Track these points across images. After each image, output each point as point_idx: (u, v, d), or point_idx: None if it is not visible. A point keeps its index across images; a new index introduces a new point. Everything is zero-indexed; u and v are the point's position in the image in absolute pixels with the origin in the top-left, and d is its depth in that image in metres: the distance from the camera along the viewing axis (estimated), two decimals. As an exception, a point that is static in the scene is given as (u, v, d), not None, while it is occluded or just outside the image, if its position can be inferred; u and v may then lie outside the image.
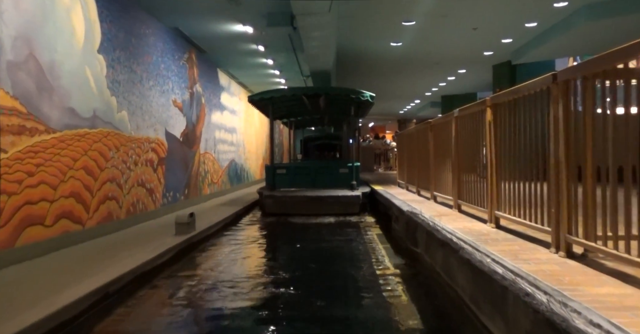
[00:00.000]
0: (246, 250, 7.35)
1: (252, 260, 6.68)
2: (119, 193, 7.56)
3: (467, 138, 5.88)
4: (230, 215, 9.88)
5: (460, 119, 6.15)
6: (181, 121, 10.74)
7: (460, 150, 6.23)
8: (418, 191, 9.18)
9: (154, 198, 9.06)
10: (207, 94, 12.99)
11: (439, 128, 7.41)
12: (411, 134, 10.11)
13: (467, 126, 5.87)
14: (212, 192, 13.33)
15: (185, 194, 10.95)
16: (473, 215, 5.84)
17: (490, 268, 3.16)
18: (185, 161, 11.02)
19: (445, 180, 7.01)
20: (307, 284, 5.30)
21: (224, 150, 14.90)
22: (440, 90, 20.89)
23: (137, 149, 8.33)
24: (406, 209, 6.67)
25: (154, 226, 8.02)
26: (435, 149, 7.65)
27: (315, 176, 11.91)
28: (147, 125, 8.78)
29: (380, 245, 7.42)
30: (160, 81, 9.50)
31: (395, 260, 6.30)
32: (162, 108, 9.55)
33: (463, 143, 6.09)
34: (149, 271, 5.43)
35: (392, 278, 5.42)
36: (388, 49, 12.49)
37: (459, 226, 5.05)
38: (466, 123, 5.90)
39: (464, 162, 6.04)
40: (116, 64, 7.55)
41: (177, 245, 6.52)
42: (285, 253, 7.19)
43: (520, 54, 12.32)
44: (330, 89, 12.43)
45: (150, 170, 8.92)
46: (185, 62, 11.08)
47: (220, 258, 6.66)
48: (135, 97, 8.26)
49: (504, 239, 4.24)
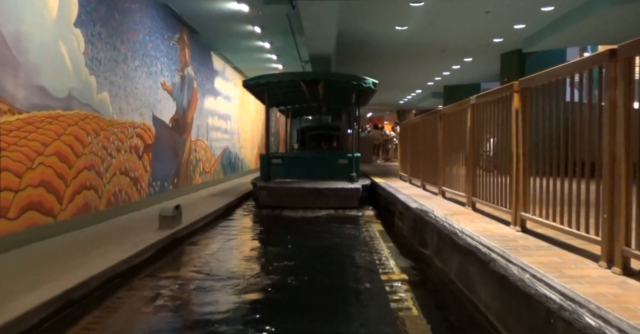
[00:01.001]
0: (236, 247, 6.72)
1: (242, 259, 6.05)
2: (98, 182, 6.90)
3: (486, 128, 5.23)
4: (221, 207, 9.23)
5: (478, 107, 5.50)
6: (171, 106, 10.03)
7: (476, 141, 5.59)
8: (423, 186, 8.55)
9: (139, 188, 8.39)
10: (200, 78, 12.26)
11: (451, 117, 6.76)
12: (416, 124, 9.46)
13: (486, 115, 5.23)
14: (204, 182, 12.66)
15: (174, 183, 10.28)
16: (490, 214, 5.22)
17: (537, 290, 2.53)
18: (175, 148, 10.34)
19: (457, 175, 6.39)
20: (303, 290, 4.68)
21: (217, 137, 14.21)
22: (443, 80, 20.18)
23: (120, 134, 7.65)
24: (414, 206, 6.05)
25: (138, 219, 7.37)
26: (445, 140, 7.01)
27: (313, 167, 11.26)
28: (131, 109, 8.08)
29: (382, 243, 6.80)
30: (148, 62, 8.78)
31: (401, 262, 5.68)
32: (149, 91, 8.84)
33: (480, 134, 5.44)
34: (125, 271, 4.79)
35: (398, 285, 4.80)
36: (393, 34, 11.76)
37: (477, 229, 4.42)
38: (485, 112, 5.25)
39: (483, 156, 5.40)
40: (96, 40, 6.83)
41: (159, 241, 5.88)
42: (279, 251, 6.57)
43: (532, 41, 11.61)
44: (330, 75, 11.72)
45: (135, 157, 8.24)
46: (176, 43, 10.35)
47: (207, 256, 6.03)
48: (118, 78, 7.55)
49: (536, 247, 3.62)
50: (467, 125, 5.76)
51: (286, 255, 6.24)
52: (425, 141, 8.41)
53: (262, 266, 5.65)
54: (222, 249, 6.45)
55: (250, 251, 6.61)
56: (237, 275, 5.11)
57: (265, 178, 11.00)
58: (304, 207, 10.15)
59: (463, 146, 6.09)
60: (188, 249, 6.42)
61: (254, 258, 6.12)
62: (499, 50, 13.37)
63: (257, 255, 6.33)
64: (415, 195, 7.62)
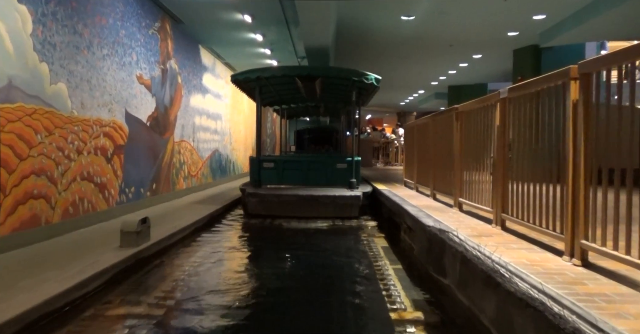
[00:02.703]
0: (213, 269, 5.61)
1: (217, 285, 4.95)
2: (50, 190, 5.80)
3: (525, 128, 4.15)
4: (204, 217, 8.13)
5: (511, 102, 4.42)
6: (148, 102, 8.93)
7: (507, 144, 4.52)
8: (433, 195, 7.47)
9: (107, 195, 7.29)
10: (185, 73, 11.17)
11: (471, 115, 5.68)
12: (425, 124, 8.38)
13: (524, 111, 4.15)
14: (190, 187, 11.56)
15: (153, 189, 9.18)
16: (527, 236, 4.15)
17: None
18: (154, 150, 9.24)
19: (479, 185, 5.31)
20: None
21: (206, 138, 13.11)
22: (449, 80, 19.12)
23: (82, 133, 6.55)
24: (430, 224, 4.95)
25: (101, 232, 6.26)
26: (463, 144, 5.93)
27: (308, 171, 10.18)
28: (98, 104, 6.99)
29: (389, 265, 5.72)
30: (120, 51, 7.69)
31: (413, 293, 4.60)
32: (121, 84, 7.75)
33: (517, 137, 4.36)
34: (58, 310, 3.70)
35: (411, 329, 3.72)
36: (397, 24, 10.67)
37: (519, 260, 3.34)
38: (522, 107, 4.18)
39: (518, 163, 4.32)
40: (49, 21, 5.75)
41: (116, 264, 4.79)
42: (265, 275, 5.48)
43: (551, 35, 10.54)
44: (328, 70, 10.62)
45: (102, 160, 7.14)
46: (156, 32, 9.26)
47: (175, 282, 4.93)
48: (80, 67, 6.46)
49: (617, 294, 2.53)
50: (496, 124, 4.68)
51: (272, 281, 5.15)
52: (437, 144, 7.33)
53: (240, 298, 4.55)
54: (196, 273, 5.34)
55: (229, 274, 5.50)
56: (208, 307, 4.02)
57: (255, 184, 9.92)
58: (298, 217, 9.08)
59: (487, 150, 5.03)
60: (154, 273, 5.31)
61: (232, 285, 5.01)
62: (511, 46, 12.30)
63: (236, 280, 5.21)
64: (425, 206, 6.54)
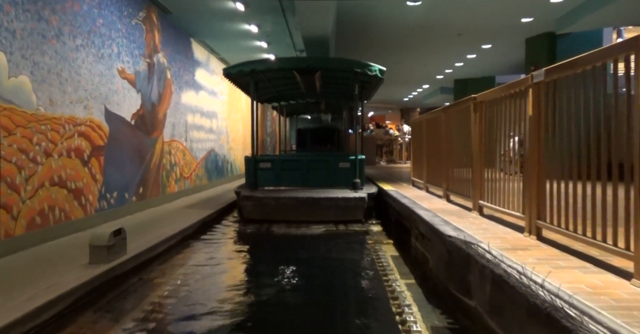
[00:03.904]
0: (200, 288, 4.86)
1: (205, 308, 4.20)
2: (11, 198, 5.06)
3: (570, 117, 3.38)
4: (194, 224, 7.39)
5: (549, 86, 3.66)
6: (133, 98, 8.19)
7: (546, 138, 3.76)
8: (447, 196, 6.71)
9: (84, 202, 6.55)
10: (176, 68, 10.42)
11: (494, 105, 4.91)
12: (435, 118, 7.62)
13: (567, 96, 3.38)
14: (182, 189, 10.82)
15: (140, 194, 8.44)
16: (568, 247, 3.40)
17: None
18: (140, 151, 8.49)
19: (505, 185, 4.56)
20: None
21: (200, 138, 12.36)
22: (455, 73, 18.30)
23: (52, 133, 5.81)
24: (451, 233, 4.19)
25: (71, 246, 5.52)
26: (484, 138, 5.17)
27: (309, 172, 9.43)
28: (71, 100, 6.25)
29: (400, 279, 4.97)
30: (97, 41, 6.94)
31: (432, 316, 3.84)
32: (99, 78, 7.01)
33: (558, 128, 3.59)
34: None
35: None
36: (403, 11, 9.87)
37: (575, 284, 2.59)
38: (565, 92, 3.41)
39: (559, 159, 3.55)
40: (7, 4, 5.01)
41: (79, 287, 4.05)
42: (258, 292, 4.74)
43: (568, 20, 9.72)
44: (328, 61, 9.85)
45: (78, 163, 6.40)
46: (141, 22, 8.51)
47: (153, 305, 4.19)
48: (47, 58, 5.72)
49: None
50: (529, 115, 3.91)
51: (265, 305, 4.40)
52: (450, 139, 6.57)
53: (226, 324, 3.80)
54: (177, 294, 4.60)
55: (215, 294, 4.75)
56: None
57: (251, 186, 9.19)
58: (297, 221, 8.34)
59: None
60: (129, 294, 4.56)
61: (218, 309, 4.26)
62: (524, 34, 11.49)
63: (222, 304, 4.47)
64: (440, 210, 5.78)
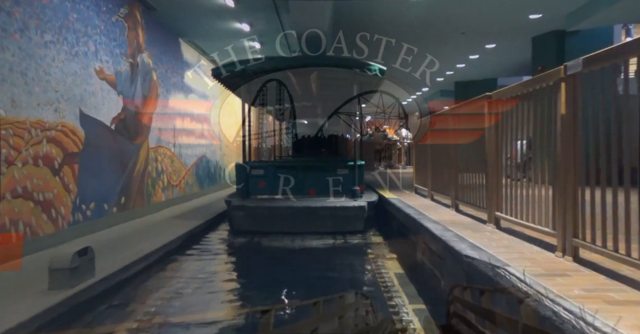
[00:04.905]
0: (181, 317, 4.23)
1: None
2: (-38, 214, 4.43)
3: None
4: (178, 238, 6.76)
5: (585, 79, 3.05)
6: (112, 101, 7.56)
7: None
8: (456, 206, 6.09)
9: (54, 215, 5.91)
10: (162, 70, 9.81)
11: (513, 103, 4.30)
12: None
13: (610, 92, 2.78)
14: (171, 198, 10.18)
15: (121, 204, 7.79)
16: (612, 271, 2.79)
17: None
18: (121, 158, 7.86)
19: (528, 195, 3.94)
20: None
21: (190, 143, 11.74)
22: (456, 75, 17.74)
23: (14, 139, 5.18)
24: (468, 252, 3.56)
25: (33, 265, 4.85)
26: (500, 141, 4.56)
27: (305, 179, 8.79)
28: (38, 102, 5.62)
29: (408, 304, 4.35)
30: (70, 38, 6.33)
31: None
32: (72, 78, 6.39)
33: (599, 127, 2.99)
34: None
35: None
36: (404, 8, 9.30)
37: None
38: (611, 85, 2.81)
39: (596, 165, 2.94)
40: (-44, -8, 4.41)
41: (30, 320, 3.41)
42: (244, 330, 4.12)
43: (580, 16, 9.14)
44: (325, 59, 9.23)
45: (47, 172, 5.77)
46: (122, 19, 7.91)
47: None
48: (8, 55, 5.10)
49: None
50: (560, 113, 3.31)
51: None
52: (460, 143, 5.96)
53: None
54: (150, 323, 3.97)
55: (195, 329, 4.12)
56: None
57: (242, 195, 8.54)
58: (292, 233, 7.72)
59: (540, 148, 3.69)
60: (95, 324, 3.93)
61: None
62: (531, 33, 10.91)
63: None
64: (450, 222, 5.15)
